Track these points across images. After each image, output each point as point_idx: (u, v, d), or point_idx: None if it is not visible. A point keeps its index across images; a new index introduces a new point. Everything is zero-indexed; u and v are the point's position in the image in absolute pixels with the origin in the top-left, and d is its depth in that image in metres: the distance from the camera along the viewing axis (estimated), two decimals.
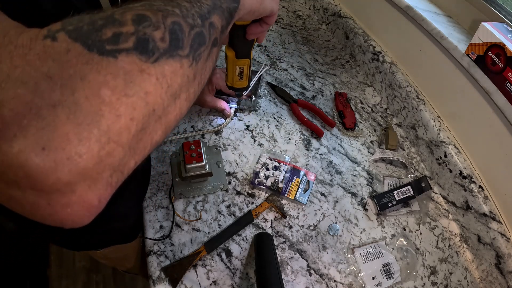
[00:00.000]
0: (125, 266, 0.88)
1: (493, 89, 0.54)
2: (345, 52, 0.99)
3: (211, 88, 0.73)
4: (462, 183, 0.62)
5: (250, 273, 0.56)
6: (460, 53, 0.60)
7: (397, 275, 0.56)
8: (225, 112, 0.74)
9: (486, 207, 0.58)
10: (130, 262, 0.83)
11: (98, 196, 0.20)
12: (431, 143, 0.69)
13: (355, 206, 0.65)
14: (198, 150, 0.59)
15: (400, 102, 0.79)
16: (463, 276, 0.58)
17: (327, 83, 0.88)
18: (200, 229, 0.60)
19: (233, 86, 0.59)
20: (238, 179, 0.67)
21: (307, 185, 0.66)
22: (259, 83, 0.83)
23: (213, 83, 0.73)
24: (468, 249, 0.61)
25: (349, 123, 0.77)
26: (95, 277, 1.41)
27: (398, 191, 0.64)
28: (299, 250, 0.59)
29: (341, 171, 0.70)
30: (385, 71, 0.82)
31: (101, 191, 0.20)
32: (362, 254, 0.58)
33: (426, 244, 0.61)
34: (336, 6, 1.01)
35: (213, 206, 0.63)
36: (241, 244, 0.59)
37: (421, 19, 0.68)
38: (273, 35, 1.02)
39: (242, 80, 0.58)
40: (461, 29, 0.67)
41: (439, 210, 0.66)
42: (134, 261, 0.82)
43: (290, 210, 0.63)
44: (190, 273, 0.55)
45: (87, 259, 1.46)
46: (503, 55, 0.51)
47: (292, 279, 0.55)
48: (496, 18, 0.61)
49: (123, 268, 0.93)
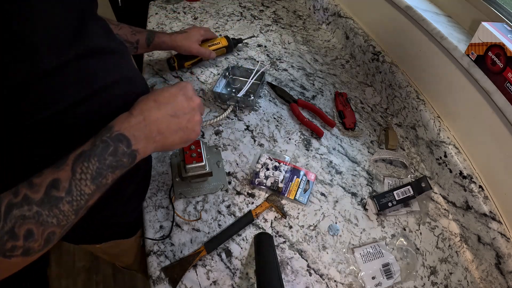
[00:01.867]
0: (124, 262, 0.89)
1: (493, 89, 0.54)
2: (345, 52, 0.99)
3: (199, 38, 0.85)
4: (462, 183, 0.62)
5: (250, 273, 0.56)
6: (460, 53, 0.60)
7: (397, 275, 0.56)
8: (211, 55, 0.86)
9: (486, 207, 0.58)
10: (129, 258, 0.83)
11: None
12: (431, 143, 0.69)
13: (355, 206, 0.65)
14: (198, 150, 0.59)
15: (400, 102, 0.79)
16: (463, 276, 0.58)
17: (327, 83, 0.88)
18: (200, 229, 0.60)
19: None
20: (238, 179, 0.67)
21: (307, 185, 0.66)
22: (261, 83, 0.83)
23: (202, 34, 0.86)
24: (468, 249, 0.61)
25: (349, 123, 0.77)
26: (95, 277, 1.41)
27: (398, 191, 0.64)
28: (299, 250, 0.59)
29: (341, 171, 0.70)
30: (385, 71, 0.82)
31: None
32: (362, 254, 0.58)
33: (426, 244, 0.61)
34: (336, 6, 1.01)
35: (213, 206, 0.63)
36: (241, 244, 0.59)
37: (421, 19, 0.68)
38: (273, 35, 1.03)
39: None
40: (461, 29, 0.67)
41: (439, 210, 0.66)
42: (133, 257, 0.83)
43: (290, 210, 0.63)
44: (190, 273, 0.55)
45: (87, 259, 1.46)
46: (503, 55, 0.51)
47: (292, 279, 0.55)
48: (496, 18, 0.61)
49: (122, 264, 0.94)
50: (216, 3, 1.15)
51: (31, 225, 0.34)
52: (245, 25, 1.06)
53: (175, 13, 1.10)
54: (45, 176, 0.36)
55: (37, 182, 0.35)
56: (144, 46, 0.79)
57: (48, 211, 0.35)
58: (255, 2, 1.17)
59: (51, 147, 0.41)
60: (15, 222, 0.33)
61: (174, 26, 1.04)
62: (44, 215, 0.34)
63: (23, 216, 0.34)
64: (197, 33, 0.84)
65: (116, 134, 0.39)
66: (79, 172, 0.36)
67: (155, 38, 0.79)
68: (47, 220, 0.35)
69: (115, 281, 1.40)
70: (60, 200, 0.35)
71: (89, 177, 0.37)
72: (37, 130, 0.39)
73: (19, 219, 0.34)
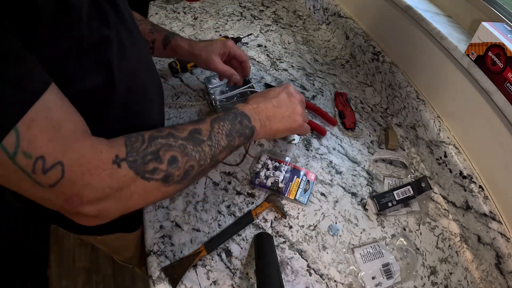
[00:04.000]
0: (123, 256, 0.90)
1: (493, 89, 0.54)
2: (345, 52, 0.99)
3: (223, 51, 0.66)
4: (462, 183, 0.62)
5: (250, 273, 0.56)
6: (460, 53, 0.60)
7: (397, 275, 0.56)
8: (233, 77, 0.66)
9: (486, 207, 0.58)
10: (129, 252, 0.84)
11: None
12: (431, 143, 0.69)
13: (355, 206, 0.65)
14: None
15: (400, 102, 0.79)
16: (463, 276, 0.58)
17: (327, 83, 0.88)
18: (200, 229, 0.60)
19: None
20: (238, 179, 0.67)
21: (307, 185, 0.66)
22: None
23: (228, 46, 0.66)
24: (468, 249, 0.61)
25: (349, 123, 0.77)
26: (95, 277, 1.41)
27: (398, 191, 0.64)
28: (299, 250, 0.59)
29: (341, 171, 0.70)
30: (385, 71, 0.82)
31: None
32: (362, 254, 0.58)
33: (426, 244, 0.61)
34: (336, 6, 1.01)
35: (213, 206, 0.63)
36: (241, 244, 0.59)
37: (421, 19, 0.68)
38: (273, 35, 1.03)
39: None
40: (461, 29, 0.67)
41: (439, 210, 0.66)
42: (132, 252, 0.84)
43: (290, 210, 0.63)
44: (190, 273, 0.55)
45: (87, 259, 1.46)
46: (503, 55, 0.51)
47: (292, 279, 0.55)
48: (496, 18, 0.61)
49: (121, 258, 0.95)
50: (216, 3, 1.15)
51: (176, 153, 0.37)
52: (245, 25, 1.06)
53: (175, 13, 1.10)
54: (187, 125, 0.41)
55: (180, 127, 0.40)
56: (160, 47, 0.68)
57: (192, 146, 0.39)
58: (255, 2, 1.17)
59: None
60: (161, 147, 0.36)
61: (174, 26, 1.04)
62: (189, 148, 0.39)
63: (169, 144, 0.37)
64: (221, 45, 0.66)
65: (240, 111, 0.49)
66: (217, 127, 0.44)
67: (172, 41, 0.67)
68: (191, 153, 0.39)
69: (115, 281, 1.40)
70: (202, 142, 0.41)
71: (224, 133, 0.44)
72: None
73: (165, 145, 0.36)
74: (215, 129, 0.43)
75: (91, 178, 0.32)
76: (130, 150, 0.34)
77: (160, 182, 0.36)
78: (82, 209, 0.33)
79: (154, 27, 0.69)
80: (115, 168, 0.33)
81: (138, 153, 0.34)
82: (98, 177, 0.32)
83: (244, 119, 0.48)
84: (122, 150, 0.34)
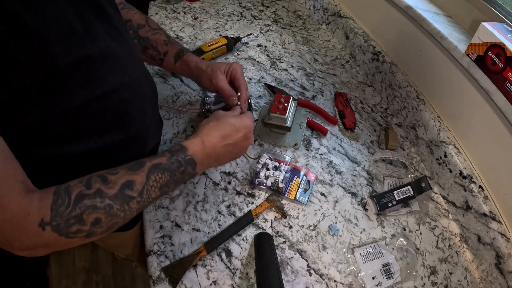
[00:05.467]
0: (122, 253, 0.91)
1: (493, 89, 0.54)
2: (345, 52, 0.99)
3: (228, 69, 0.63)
4: (462, 183, 0.62)
5: (250, 273, 0.56)
6: (460, 53, 0.60)
7: (397, 275, 0.56)
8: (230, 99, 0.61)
9: (486, 207, 0.58)
10: (127, 249, 0.84)
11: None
12: (431, 143, 0.69)
13: (355, 206, 0.65)
14: (286, 104, 0.67)
15: (400, 102, 0.79)
16: (463, 276, 0.58)
17: (327, 83, 0.88)
18: (200, 229, 0.60)
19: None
20: (238, 179, 0.67)
21: (307, 185, 0.66)
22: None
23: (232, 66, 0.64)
24: (468, 249, 0.61)
25: (349, 123, 0.77)
26: (95, 277, 1.41)
27: (398, 191, 0.64)
28: (299, 250, 0.59)
29: (341, 171, 0.70)
30: (385, 71, 0.82)
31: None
32: (362, 254, 0.58)
33: (426, 244, 0.61)
34: (336, 6, 1.01)
35: (213, 206, 0.63)
36: (241, 244, 0.59)
37: (421, 19, 0.68)
38: (273, 35, 1.03)
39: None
40: (461, 29, 0.67)
41: (439, 210, 0.66)
42: (131, 249, 0.84)
43: (290, 210, 0.63)
44: (190, 273, 0.55)
45: (87, 259, 1.46)
46: (503, 55, 0.51)
47: (292, 279, 0.55)
48: (496, 18, 0.61)
49: (121, 255, 0.96)
50: (216, 3, 1.15)
51: (101, 215, 0.38)
52: (245, 25, 1.06)
53: (175, 13, 1.10)
54: (120, 175, 0.41)
55: (112, 180, 0.40)
56: (171, 60, 0.66)
57: (120, 205, 0.40)
58: (255, 2, 1.17)
59: (57, 145, 0.43)
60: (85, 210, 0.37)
61: (174, 26, 1.04)
62: (115, 208, 0.39)
63: (94, 206, 0.38)
64: (227, 64, 0.64)
65: (189, 158, 0.46)
66: (153, 180, 0.42)
67: (184, 56, 0.66)
68: (116, 213, 0.40)
69: (115, 281, 1.40)
70: (132, 199, 0.41)
71: (158, 186, 0.43)
72: (44, 128, 0.40)
73: (89, 208, 0.38)
74: (150, 182, 0.42)
75: (20, 235, 0.35)
76: (55, 215, 0.36)
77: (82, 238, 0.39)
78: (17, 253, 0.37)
79: (169, 39, 0.67)
80: (40, 231, 0.35)
81: (62, 217, 0.36)
82: (25, 235, 0.35)
83: (189, 167, 0.46)
84: (47, 214, 0.35)
